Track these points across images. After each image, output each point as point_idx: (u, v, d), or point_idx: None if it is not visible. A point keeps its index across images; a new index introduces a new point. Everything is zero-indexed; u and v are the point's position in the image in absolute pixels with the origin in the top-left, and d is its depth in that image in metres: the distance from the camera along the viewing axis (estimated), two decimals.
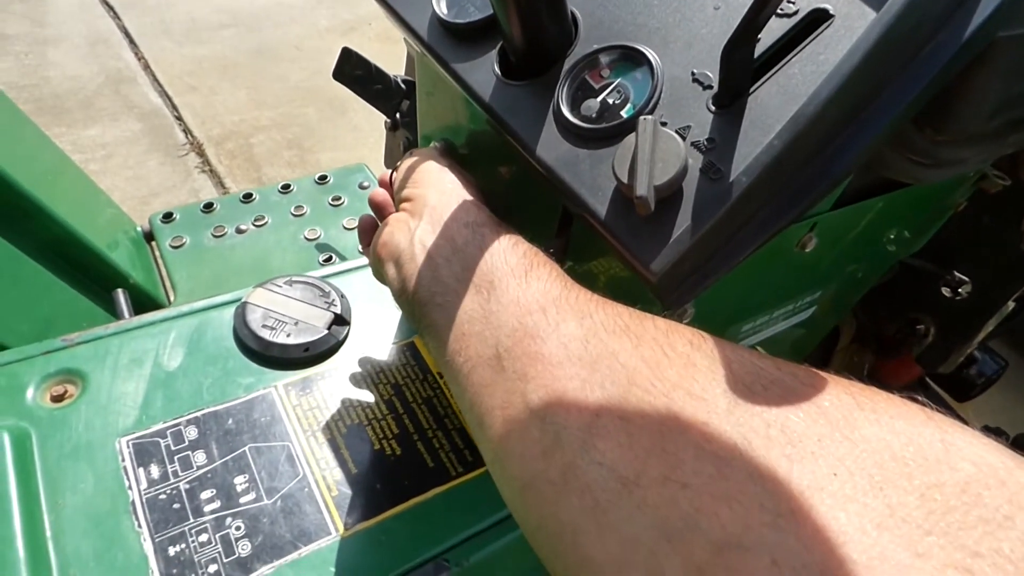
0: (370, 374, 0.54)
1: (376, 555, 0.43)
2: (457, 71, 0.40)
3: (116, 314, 0.69)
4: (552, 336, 0.27)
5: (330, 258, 0.92)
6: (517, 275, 0.31)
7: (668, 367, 0.24)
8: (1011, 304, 0.58)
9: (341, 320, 0.57)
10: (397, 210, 0.42)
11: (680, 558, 0.19)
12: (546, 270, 0.32)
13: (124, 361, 0.49)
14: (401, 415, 0.51)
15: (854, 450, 0.19)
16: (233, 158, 2.05)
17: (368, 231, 0.46)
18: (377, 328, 0.58)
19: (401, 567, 0.42)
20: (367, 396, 0.52)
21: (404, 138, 0.93)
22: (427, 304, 0.34)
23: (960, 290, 0.57)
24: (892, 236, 0.50)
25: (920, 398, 0.21)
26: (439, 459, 0.49)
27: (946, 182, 0.47)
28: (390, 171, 0.48)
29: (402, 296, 0.37)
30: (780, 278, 0.43)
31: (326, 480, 0.46)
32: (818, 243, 0.39)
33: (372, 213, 0.49)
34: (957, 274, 0.57)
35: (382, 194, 0.47)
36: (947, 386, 0.79)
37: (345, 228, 0.99)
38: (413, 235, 0.37)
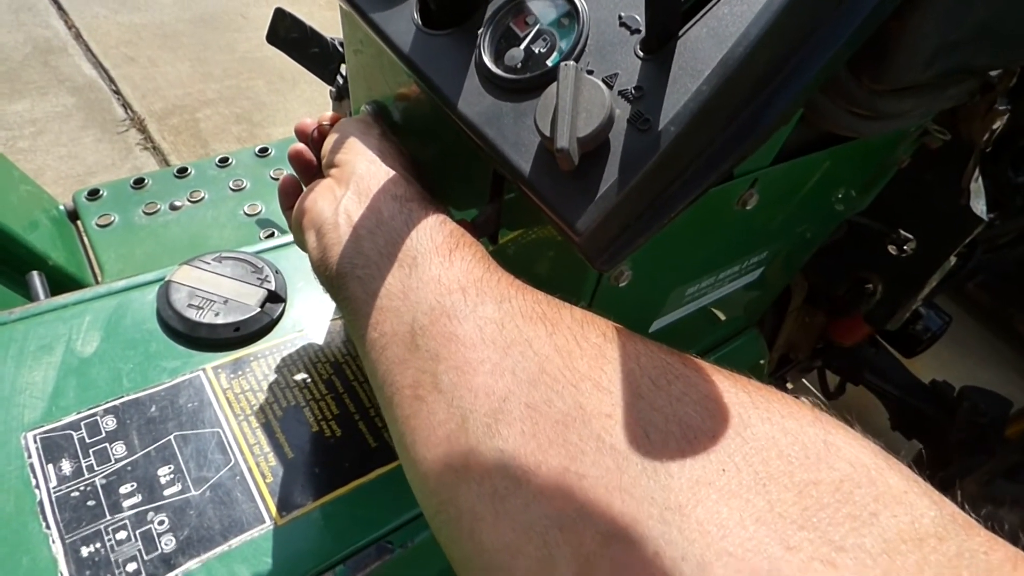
0: (308, 353, 0.51)
1: (315, 541, 0.41)
2: (375, 21, 0.37)
3: (32, 299, 0.64)
4: (469, 318, 0.26)
5: (272, 234, 0.88)
6: (441, 253, 0.30)
7: (580, 357, 0.24)
8: (953, 259, 0.58)
9: (275, 297, 0.54)
10: (324, 176, 0.40)
11: (570, 548, 0.20)
12: (471, 251, 0.31)
13: (31, 348, 0.45)
14: (341, 395, 0.49)
15: (744, 446, 0.20)
16: (178, 134, 1.95)
17: (290, 193, 0.43)
18: (315, 305, 0.55)
19: (341, 552, 0.41)
20: (304, 376, 0.50)
21: (351, 108, 0.89)
22: (347, 276, 0.32)
23: (905, 247, 0.57)
24: (839, 194, 0.50)
25: (809, 399, 0.22)
26: (382, 439, 0.47)
27: (889, 137, 0.46)
28: (309, 121, 0.44)
29: (321, 266, 0.34)
30: (723, 238, 0.41)
31: (260, 467, 0.43)
32: (760, 200, 0.37)
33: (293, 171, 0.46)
34: (902, 231, 0.57)
35: (304, 150, 0.44)
36: (896, 343, 0.81)
37: None
38: (338, 204, 0.35)
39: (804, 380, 1.06)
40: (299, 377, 0.50)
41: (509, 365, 0.24)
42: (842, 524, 0.18)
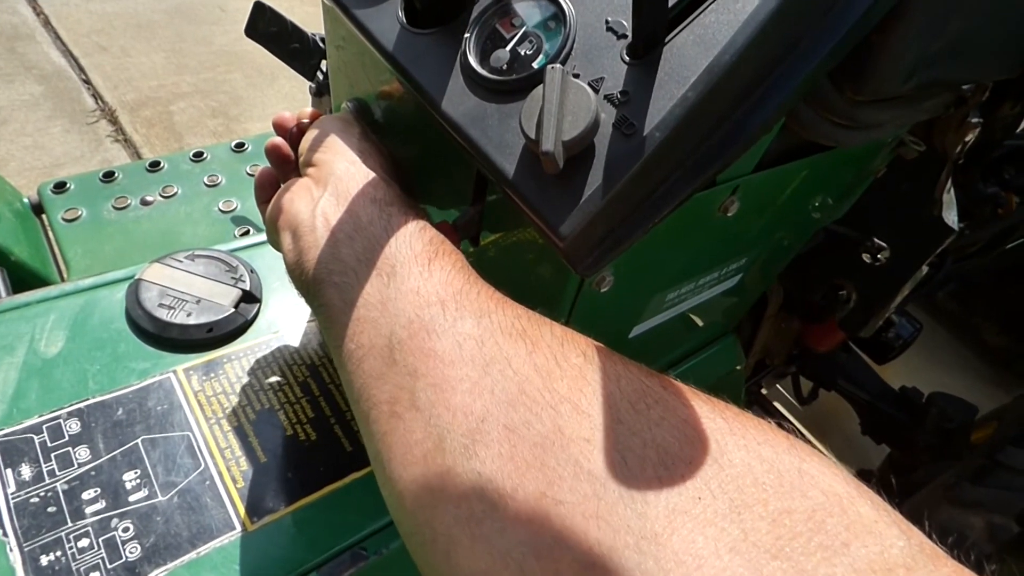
0: (283, 355, 0.50)
1: (287, 548, 0.40)
2: (359, 18, 0.36)
3: None
4: (448, 333, 0.26)
5: (248, 232, 0.86)
6: (420, 262, 0.29)
7: (560, 378, 0.24)
8: (925, 268, 0.59)
9: (250, 297, 0.53)
10: (301, 174, 0.39)
11: None
12: (450, 260, 0.30)
13: None
14: (317, 397, 0.48)
15: (720, 473, 0.20)
16: (151, 126, 1.90)
17: (267, 187, 0.42)
18: (291, 305, 0.54)
19: (314, 559, 0.40)
20: (279, 379, 0.49)
21: (331, 104, 0.87)
22: (323, 282, 0.31)
23: (879, 256, 0.58)
24: (816, 203, 0.50)
25: (787, 425, 0.22)
26: (358, 443, 0.46)
27: (866, 147, 0.47)
28: (288, 115, 0.43)
29: (296, 269, 0.33)
30: (703, 244, 0.42)
31: (231, 471, 0.42)
32: (741, 207, 0.38)
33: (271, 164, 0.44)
34: (876, 240, 0.58)
35: (282, 144, 0.43)
36: (868, 350, 0.83)
37: None
38: (315, 205, 0.34)
39: (778, 386, 1.08)
40: (273, 379, 0.48)
41: (488, 384, 0.24)
42: (814, 554, 0.18)
